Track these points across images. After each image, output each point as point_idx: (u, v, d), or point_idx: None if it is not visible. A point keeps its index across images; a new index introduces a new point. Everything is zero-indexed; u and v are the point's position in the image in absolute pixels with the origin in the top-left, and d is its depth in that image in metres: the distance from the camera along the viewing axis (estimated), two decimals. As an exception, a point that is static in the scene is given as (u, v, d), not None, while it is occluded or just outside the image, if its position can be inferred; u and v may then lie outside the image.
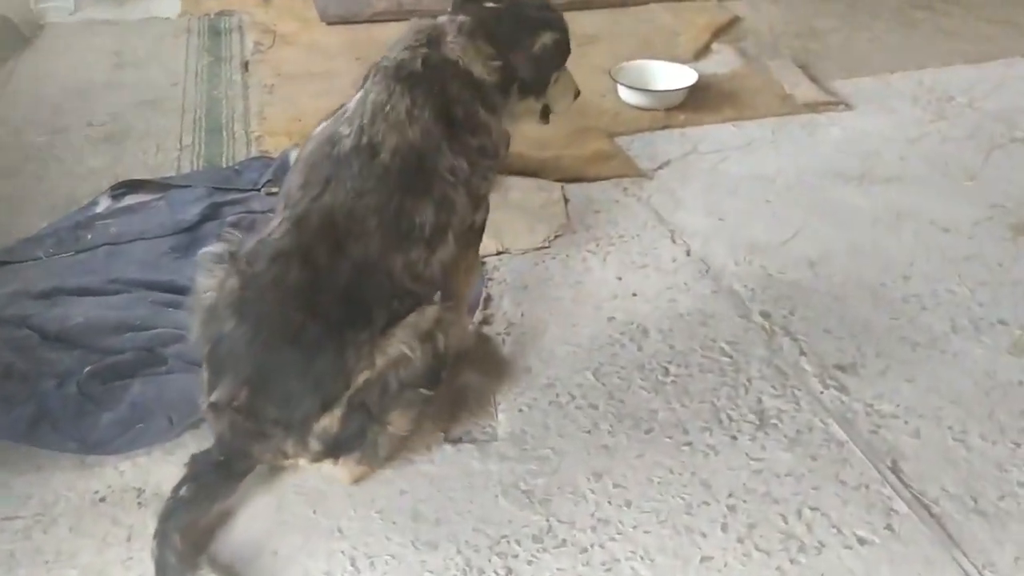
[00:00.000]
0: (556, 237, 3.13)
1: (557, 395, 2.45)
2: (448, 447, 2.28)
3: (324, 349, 2.02)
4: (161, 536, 1.90)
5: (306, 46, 4.68)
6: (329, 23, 4.93)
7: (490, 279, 2.91)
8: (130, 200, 3.25)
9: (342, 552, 1.99)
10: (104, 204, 3.21)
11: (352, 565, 1.96)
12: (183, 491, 1.98)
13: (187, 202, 3.16)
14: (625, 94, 4.03)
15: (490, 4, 2.35)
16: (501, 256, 3.03)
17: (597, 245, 3.09)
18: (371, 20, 4.94)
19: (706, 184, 3.45)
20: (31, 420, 2.20)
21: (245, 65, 4.38)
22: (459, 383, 2.47)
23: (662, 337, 2.66)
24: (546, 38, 2.38)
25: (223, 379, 2.04)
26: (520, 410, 2.40)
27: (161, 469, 2.17)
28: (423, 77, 2.19)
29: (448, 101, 2.22)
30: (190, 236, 3.00)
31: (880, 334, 2.67)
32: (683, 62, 4.36)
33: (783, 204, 3.32)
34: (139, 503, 2.10)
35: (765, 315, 2.75)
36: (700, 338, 2.66)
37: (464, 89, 2.25)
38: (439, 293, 2.19)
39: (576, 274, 2.94)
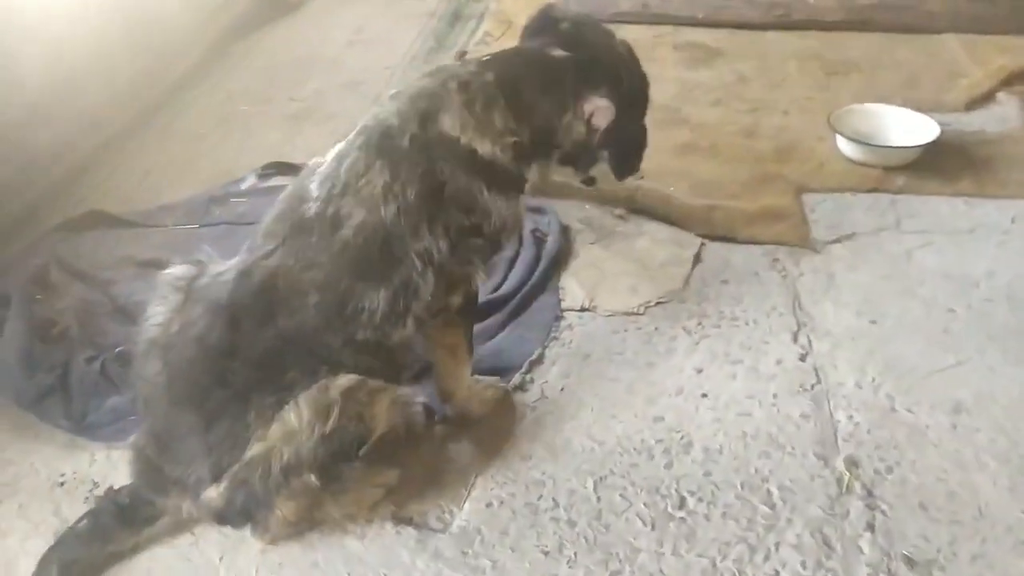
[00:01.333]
0: (657, 303, 2.71)
1: (540, 497, 2.12)
2: (389, 526, 2.06)
3: (225, 416, 1.89)
4: (43, 563, 1.91)
5: (530, 41, 4.51)
6: (569, 18, 4.70)
7: (554, 338, 2.59)
8: (275, 182, 3.33)
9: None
10: (249, 182, 3.33)
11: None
12: (81, 525, 1.97)
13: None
14: (844, 145, 3.38)
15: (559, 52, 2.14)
16: (583, 314, 2.69)
17: (699, 324, 2.63)
18: (612, 20, 4.61)
19: (884, 273, 2.79)
20: (44, 390, 2.35)
21: (461, 55, 4.32)
22: (445, 455, 2.23)
23: (704, 457, 2.20)
24: (599, 109, 2.04)
25: (144, 422, 2.01)
26: (489, 504, 2.12)
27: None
28: (408, 155, 1.98)
29: (437, 182, 1.99)
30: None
31: (993, 534, 1.98)
32: (949, 110, 3.60)
33: (968, 319, 2.59)
34: (86, 498, 2.14)
35: (852, 463, 2.17)
36: (749, 472, 2.16)
37: (461, 170, 2.00)
38: None
39: (652, 354, 2.52)
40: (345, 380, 1.92)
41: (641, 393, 2.40)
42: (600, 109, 2.14)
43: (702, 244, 2.97)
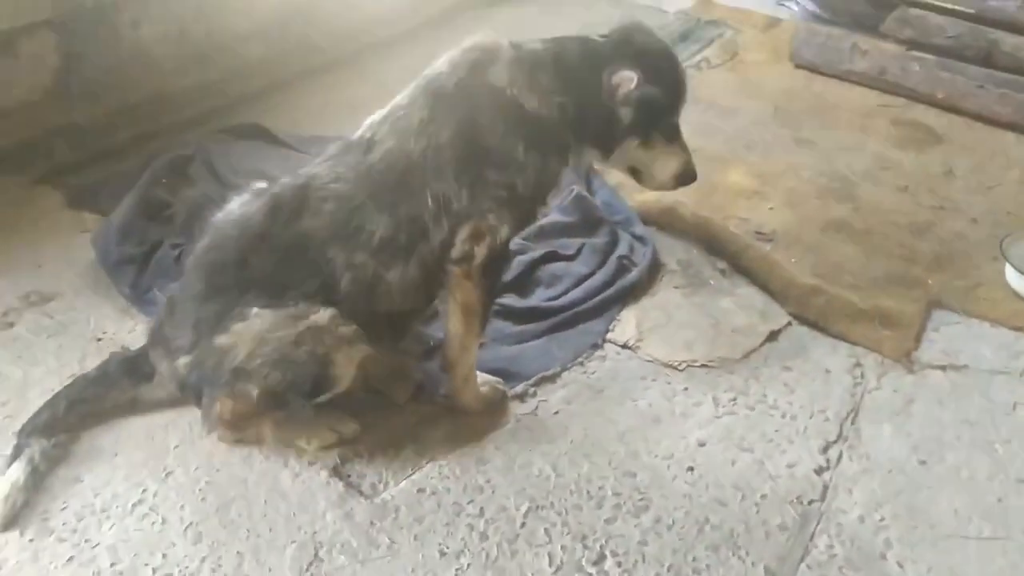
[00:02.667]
0: (703, 366, 2.58)
1: (471, 502, 2.13)
2: (324, 475, 2.16)
3: (221, 297, 2.07)
4: (55, 398, 2.18)
5: (743, 77, 4.37)
6: (797, 65, 4.49)
7: (579, 363, 2.56)
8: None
9: (142, 491, 2.09)
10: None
11: (127, 505, 2.06)
12: (91, 372, 2.24)
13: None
14: (1011, 275, 2.98)
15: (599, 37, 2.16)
16: (623, 350, 2.62)
17: (732, 400, 2.47)
18: (841, 76, 4.37)
19: (971, 417, 2.47)
20: (126, 258, 2.68)
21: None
22: (414, 432, 2.30)
23: (651, 527, 2.10)
24: (624, 79, 2.05)
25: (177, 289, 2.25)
26: (422, 490, 2.16)
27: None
28: (451, 97, 2.06)
29: (474, 130, 2.05)
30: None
31: None
32: None
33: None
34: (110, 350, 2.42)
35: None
36: (686, 559, 2.04)
37: (502, 121, 2.04)
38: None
39: (665, 412, 2.42)
40: (318, 316, 2.02)
41: (629, 444, 2.31)
42: (624, 79, 2.09)
43: (788, 323, 2.77)
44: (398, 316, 2.20)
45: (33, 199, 3.04)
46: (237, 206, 2.20)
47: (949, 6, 4.50)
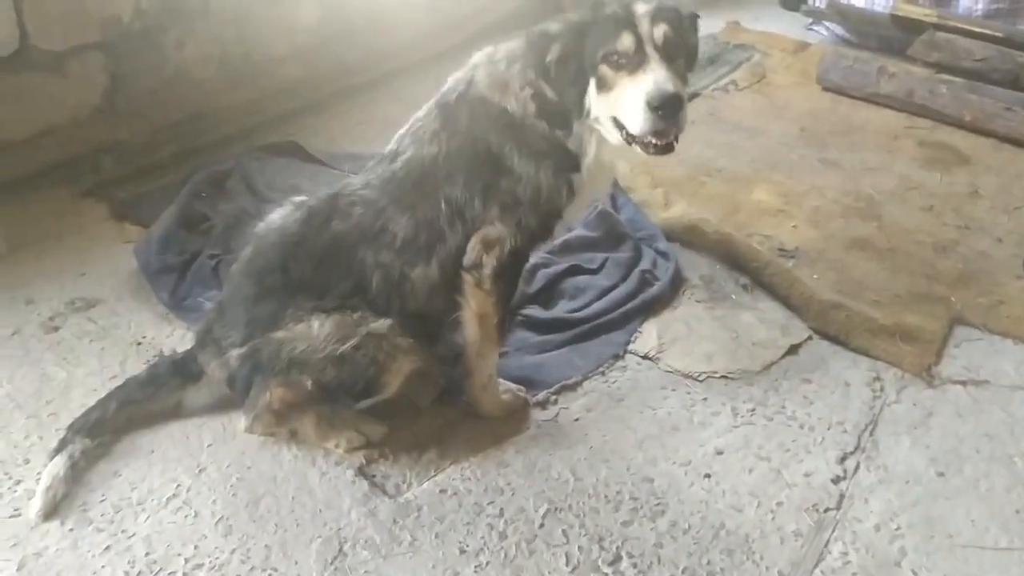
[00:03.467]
0: (722, 377, 2.63)
1: (491, 503, 2.19)
2: (350, 473, 2.24)
3: (272, 298, 2.19)
4: (106, 398, 2.28)
5: (770, 99, 4.42)
6: (824, 88, 4.54)
7: (601, 372, 2.61)
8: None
9: (176, 486, 2.18)
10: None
11: (162, 499, 2.15)
12: (141, 374, 2.34)
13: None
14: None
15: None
16: (644, 361, 2.68)
17: (751, 410, 2.51)
18: (867, 99, 4.41)
19: (990, 430, 2.48)
20: (166, 267, 2.79)
21: (689, 97, 4.33)
22: (437, 435, 2.37)
23: (666, 530, 2.14)
24: (557, 28, 2.08)
25: (221, 294, 2.37)
26: (444, 490, 2.22)
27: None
28: (454, 110, 2.18)
29: (475, 138, 2.15)
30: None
31: None
32: None
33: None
34: (147, 361, 2.52)
35: (812, 598, 2.00)
36: (700, 562, 2.07)
37: (493, 130, 2.13)
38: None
39: (684, 421, 2.46)
40: (377, 325, 2.15)
41: (648, 450, 2.36)
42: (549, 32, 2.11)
43: (808, 338, 2.80)
44: (428, 317, 2.28)
45: (80, 210, 3.18)
46: (278, 217, 2.33)
47: (977, 29, 4.54)
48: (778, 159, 3.87)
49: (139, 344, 2.60)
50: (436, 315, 2.28)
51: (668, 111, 1.96)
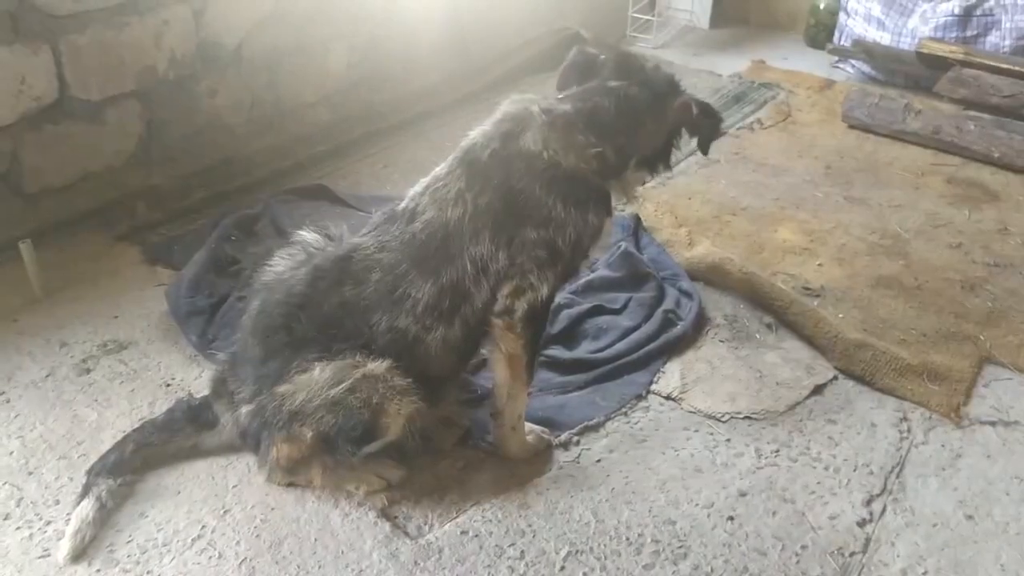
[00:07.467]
0: (746, 418, 2.62)
1: (512, 545, 2.19)
2: (371, 515, 2.25)
3: (279, 356, 2.21)
4: (124, 440, 2.33)
5: (795, 137, 4.43)
6: (850, 126, 4.54)
7: (623, 413, 2.62)
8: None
9: (202, 527, 2.20)
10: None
11: (187, 540, 2.18)
12: (159, 417, 2.38)
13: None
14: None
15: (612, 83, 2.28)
16: (667, 401, 2.67)
17: (775, 452, 2.50)
18: (894, 136, 4.40)
19: (1012, 470, 2.45)
20: (195, 310, 2.83)
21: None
22: (459, 476, 2.38)
23: (688, 575, 2.12)
24: (682, 99, 2.35)
25: (234, 345, 2.39)
26: (465, 532, 2.22)
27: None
28: (485, 167, 2.19)
29: (510, 195, 2.16)
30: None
31: None
32: None
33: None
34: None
35: (837, 645, 1.97)
36: (722, 607, 2.05)
37: (538, 183, 2.16)
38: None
39: (707, 463, 2.45)
40: (375, 366, 2.14)
41: (670, 492, 2.35)
42: (685, 103, 2.32)
43: (834, 378, 2.79)
44: (432, 380, 2.27)
45: (113, 254, 3.26)
46: (283, 267, 2.35)
47: (1004, 66, 4.52)
48: (803, 197, 3.87)
49: (168, 385, 2.64)
50: (440, 378, 2.30)
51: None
